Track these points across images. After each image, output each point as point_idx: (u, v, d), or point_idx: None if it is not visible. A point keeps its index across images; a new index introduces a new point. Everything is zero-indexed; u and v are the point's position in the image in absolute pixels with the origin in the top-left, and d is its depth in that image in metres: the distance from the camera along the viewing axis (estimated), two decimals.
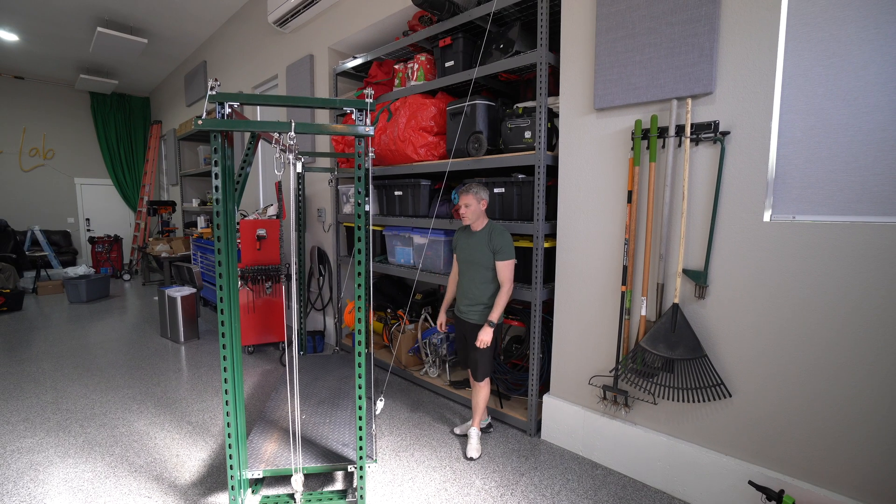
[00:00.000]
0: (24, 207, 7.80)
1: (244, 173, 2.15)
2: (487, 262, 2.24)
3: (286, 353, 2.93)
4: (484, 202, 2.25)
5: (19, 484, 2.09)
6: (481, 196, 2.23)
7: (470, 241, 2.31)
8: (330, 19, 3.83)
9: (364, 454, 1.80)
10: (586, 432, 2.33)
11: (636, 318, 2.13)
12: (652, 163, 2.00)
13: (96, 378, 3.32)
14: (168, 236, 7.21)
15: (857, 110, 1.59)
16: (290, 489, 2.01)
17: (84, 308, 5.56)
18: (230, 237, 1.64)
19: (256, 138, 2.14)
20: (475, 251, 2.27)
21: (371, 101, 1.68)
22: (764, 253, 1.75)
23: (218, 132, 1.54)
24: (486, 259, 2.24)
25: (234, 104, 1.59)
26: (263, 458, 1.99)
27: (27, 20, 5.42)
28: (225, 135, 1.61)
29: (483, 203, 2.24)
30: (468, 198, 2.22)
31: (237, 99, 1.56)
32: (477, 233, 2.29)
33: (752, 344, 1.80)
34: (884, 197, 1.55)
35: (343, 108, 1.67)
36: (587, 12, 2.19)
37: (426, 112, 2.88)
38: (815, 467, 1.69)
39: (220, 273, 1.60)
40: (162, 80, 8.08)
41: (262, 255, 3.82)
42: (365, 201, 1.70)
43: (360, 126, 1.64)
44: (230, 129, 1.54)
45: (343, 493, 1.98)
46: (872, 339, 1.55)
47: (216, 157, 1.55)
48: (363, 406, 1.77)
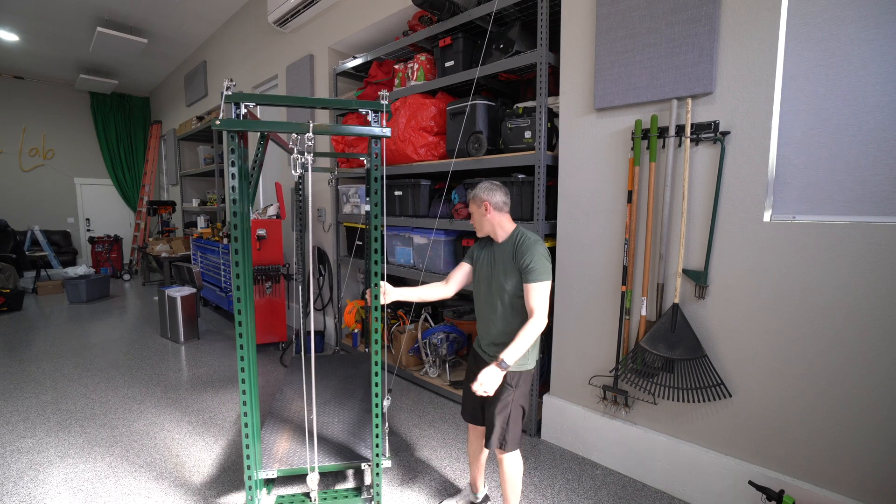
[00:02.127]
0: (24, 207, 7.80)
1: (255, 174, 2.15)
2: (514, 285, 1.63)
3: (286, 353, 2.92)
4: (486, 204, 1.68)
5: (19, 484, 2.09)
6: (482, 198, 1.69)
7: (493, 254, 1.72)
8: (330, 19, 3.83)
9: (380, 451, 1.80)
10: (586, 432, 2.33)
11: (636, 318, 2.12)
12: (652, 163, 2.00)
13: (96, 378, 3.33)
14: (168, 236, 7.21)
15: (857, 110, 1.59)
16: (304, 488, 2.00)
17: (84, 308, 5.56)
18: (245, 237, 1.63)
19: (266, 139, 2.14)
20: (497, 269, 1.68)
21: (387, 102, 1.67)
22: (764, 253, 1.75)
23: (235, 132, 1.54)
24: (512, 281, 1.63)
25: (250, 104, 1.59)
26: (276, 457, 1.98)
27: (27, 20, 5.42)
28: (241, 135, 1.61)
29: (485, 206, 1.69)
30: (471, 206, 1.77)
31: (253, 99, 1.56)
32: (501, 244, 1.70)
33: (752, 344, 1.80)
34: (884, 197, 1.55)
35: (358, 109, 1.67)
36: (587, 12, 2.19)
37: (426, 112, 2.88)
38: (815, 467, 1.69)
39: (238, 273, 1.60)
40: (162, 80, 8.08)
41: (262, 254, 3.82)
42: (378, 203, 1.68)
43: (375, 127, 1.64)
44: (248, 129, 1.53)
45: (357, 491, 1.97)
46: (872, 338, 1.55)
47: (233, 158, 1.55)
48: (379, 405, 1.77)
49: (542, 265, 1.57)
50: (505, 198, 1.72)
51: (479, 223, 1.75)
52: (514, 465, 1.70)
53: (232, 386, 3.22)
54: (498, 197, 1.70)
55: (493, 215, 1.70)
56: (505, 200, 1.72)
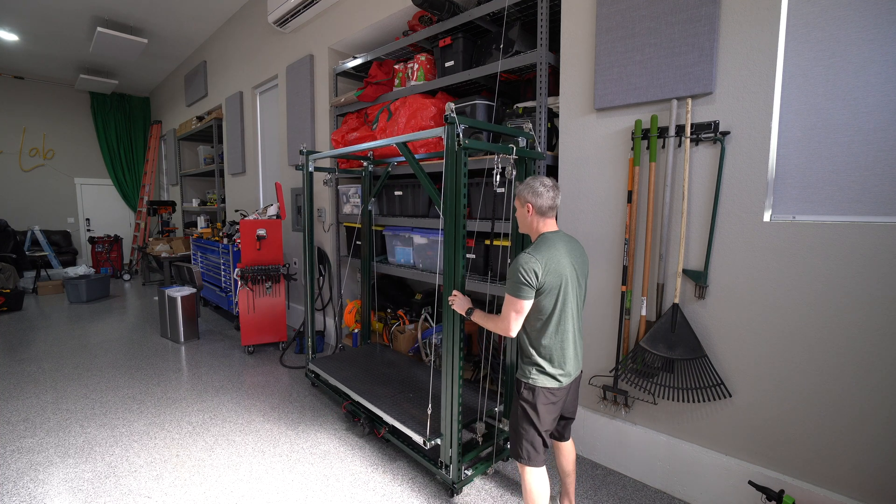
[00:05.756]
0: (24, 207, 7.80)
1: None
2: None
3: (286, 353, 2.92)
4: (528, 206, 1.66)
5: (19, 484, 2.09)
6: (525, 198, 1.66)
7: None
8: (330, 19, 3.83)
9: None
10: (586, 432, 2.33)
11: (636, 318, 2.12)
12: (652, 163, 2.00)
13: (96, 378, 3.33)
14: (168, 236, 7.21)
15: (857, 110, 1.59)
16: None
17: (84, 308, 5.56)
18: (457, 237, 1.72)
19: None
20: None
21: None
22: (764, 253, 1.75)
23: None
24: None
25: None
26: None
27: (27, 20, 5.42)
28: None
29: (528, 208, 1.67)
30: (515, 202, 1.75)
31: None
32: None
33: (752, 344, 1.80)
34: (884, 197, 1.55)
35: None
36: (587, 12, 2.19)
37: (426, 112, 2.88)
38: (815, 467, 1.69)
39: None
40: (162, 80, 8.08)
41: (262, 254, 3.82)
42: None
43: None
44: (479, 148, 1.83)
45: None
46: (873, 338, 1.55)
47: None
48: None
49: (510, 278, 1.59)
50: (551, 201, 1.66)
51: (520, 222, 1.76)
52: (524, 480, 1.68)
53: (232, 386, 3.22)
54: (534, 195, 1.65)
55: (527, 215, 1.69)
56: (550, 204, 1.66)
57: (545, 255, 1.57)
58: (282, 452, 2.37)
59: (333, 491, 2.06)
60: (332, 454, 2.36)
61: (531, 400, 1.63)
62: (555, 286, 1.57)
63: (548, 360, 1.62)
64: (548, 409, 1.63)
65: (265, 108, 5.10)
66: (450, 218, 1.85)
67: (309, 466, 2.25)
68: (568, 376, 1.65)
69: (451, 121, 1.78)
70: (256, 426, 2.65)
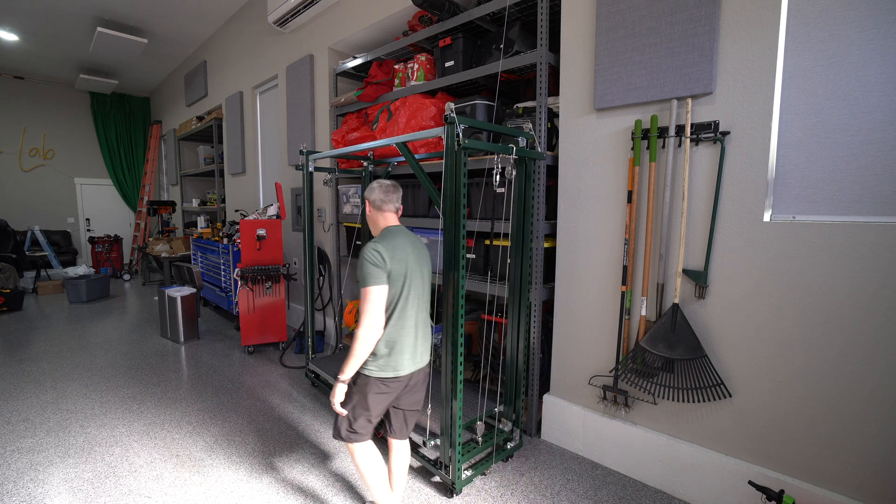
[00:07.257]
0: (24, 207, 7.80)
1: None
2: None
3: (286, 353, 2.92)
4: (367, 202, 1.79)
5: (19, 484, 2.09)
6: (365, 196, 1.81)
7: None
8: (330, 19, 3.83)
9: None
10: (586, 432, 2.33)
11: (636, 318, 2.12)
12: (652, 163, 2.00)
13: (96, 378, 3.32)
14: (168, 236, 7.21)
15: (857, 110, 1.59)
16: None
17: (84, 308, 5.56)
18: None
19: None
20: None
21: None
22: (764, 253, 1.75)
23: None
24: None
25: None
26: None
27: (27, 20, 5.42)
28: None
29: (367, 204, 1.79)
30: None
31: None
32: None
33: (753, 344, 1.80)
34: (884, 197, 1.55)
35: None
36: (587, 12, 2.19)
37: (426, 112, 2.88)
38: (815, 467, 1.69)
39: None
40: (162, 81, 8.08)
41: (262, 254, 3.81)
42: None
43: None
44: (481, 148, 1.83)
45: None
46: (873, 337, 1.55)
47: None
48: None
49: (360, 271, 1.60)
50: (382, 195, 1.74)
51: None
52: (357, 458, 1.73)
53: (232, 386, 3.22)
54: (370, 192, 1.76)
55: (368, 212, 1.78)
56: (382, 198, 1.74)
57: (389, 243, 1.63)
58: (282, 452, 2.37)
59: (334, 490, 2.06)
60: (332, 454, 2.36)
61: (364, 386, 1.64)
62: (400, 274, 1.62)
63: (388, 349, 1.62)
64: (378, 398, 1.65)
65: (265, 108, 5.10)
66: (450, 218, 1.85)
67: (309, 466, 2.25)
68: (405, 367, 1.65)
69: (450, 121, 1.78)
70: (257, 426, 2.65)
